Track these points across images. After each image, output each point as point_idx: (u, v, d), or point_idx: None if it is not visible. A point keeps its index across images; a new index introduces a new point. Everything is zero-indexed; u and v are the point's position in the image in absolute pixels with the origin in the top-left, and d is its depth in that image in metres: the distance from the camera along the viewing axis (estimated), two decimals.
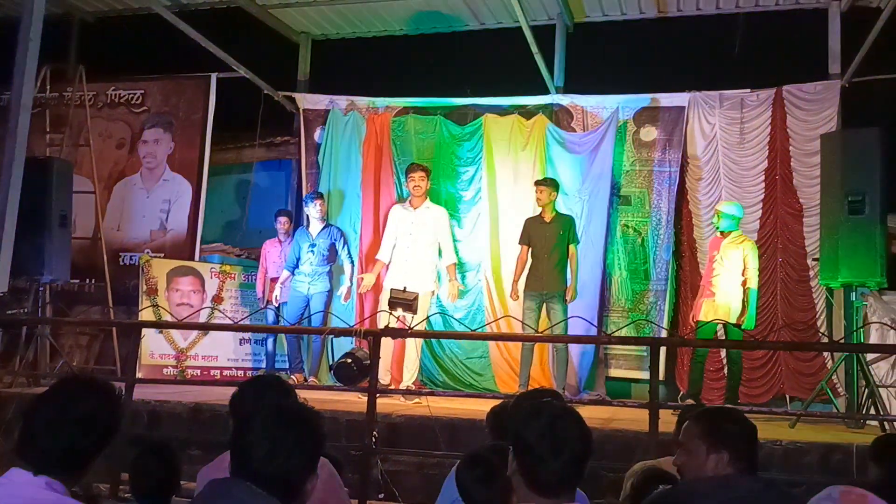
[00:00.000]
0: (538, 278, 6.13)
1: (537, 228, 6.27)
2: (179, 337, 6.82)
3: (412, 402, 5.47)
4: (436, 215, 6.48)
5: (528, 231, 6.35)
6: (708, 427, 2.20)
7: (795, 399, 6.65)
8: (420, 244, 6.32)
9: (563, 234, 6.17)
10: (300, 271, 6.68)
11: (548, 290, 6.08)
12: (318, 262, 6.66)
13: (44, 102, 7.43)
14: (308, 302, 6.62)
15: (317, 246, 6.67)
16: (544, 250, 6.16)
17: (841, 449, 4.32)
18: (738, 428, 2.15)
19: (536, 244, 6.23)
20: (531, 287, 6.16)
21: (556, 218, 6.23)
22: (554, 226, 6.20)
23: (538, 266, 6.17)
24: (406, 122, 7.75)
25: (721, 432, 2.17)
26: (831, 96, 6.94)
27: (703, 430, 2.20)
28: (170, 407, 5.01)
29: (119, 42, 8.80)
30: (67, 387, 1.82)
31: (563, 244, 6.16)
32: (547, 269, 6.11)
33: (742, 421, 2.19)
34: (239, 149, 8.46)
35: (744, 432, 2.15)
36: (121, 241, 7.77)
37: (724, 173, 7.13)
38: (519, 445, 1.85)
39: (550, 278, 6.10)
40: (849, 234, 5.30)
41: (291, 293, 6.72)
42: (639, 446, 4.28)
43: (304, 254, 6.68)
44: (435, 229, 6.39)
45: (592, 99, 7.48)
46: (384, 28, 8.37)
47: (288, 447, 1.61)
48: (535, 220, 6.37)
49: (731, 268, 5.88)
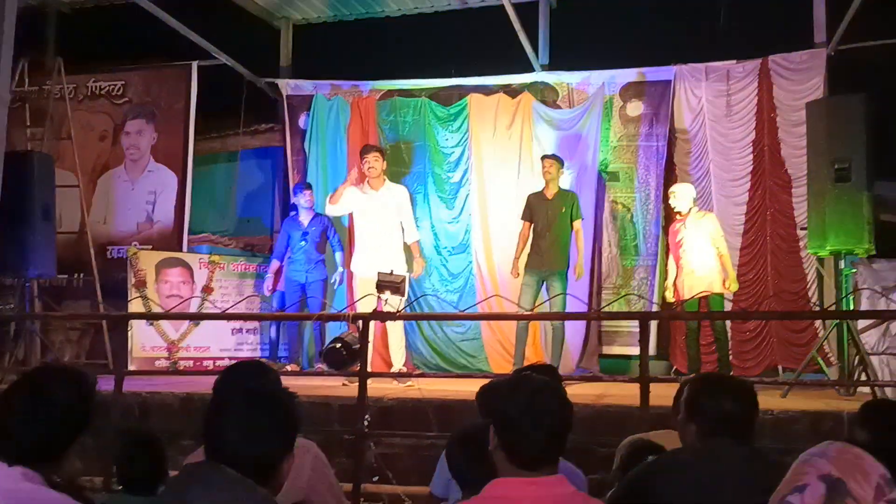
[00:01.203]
0: (539, 255, 6.06)
1: (540, 204, 6.17)
2: (171, 328, 6.79)
3: (405, 384, 5.46)
4: (396, 194, 6.30)
5: (530, 207, 6.24)
6: (688, 394, 2.21)
7: (788, 370, 6.67)
8: (386, 226, 6.16)
9: (565, 211, 6.10)
10: (294, 259, 6.64)
11: (548, 267, 6.01)
12: (313, 250, 6.63)
13: (23, 96, 7.33)
14: (304, 290, 6.59)
15: (309, 234, 6.63)
16: (546, 227, 6.07)
17: (831, 416, 4.34)
18: (713, 404, 2.10)
19: (539, 220, 6.12)
20: (532, 264, 6.09)
21: (558, 194, 6.14)
22: (556, 202, 6.11)
23: (539, 243, 6.08)
24: (391, 105, 7.70)
25: (695, 404, 2.17)
26: (817, 65, 6.90)
27: (685, 397, 2.21)
28: (160, 398, 5.00)
29: (97, 32, 8.69)
30: (39, 376, 1.80)
31: (565, 220, 6.09)
32: (548, 245, 6.03)
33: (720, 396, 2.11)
34: (223, 137, 8.39)
35: (718, 409, 2.09)
36: (107, 234, 7.71)
37: (712, 146, 7.11)
38: (499, 420, 1.84)
39: (551, 255, 6.02)
40: (836, 201, 5.29)
41: (287, 282, 6.69)
42: (630, 421, 4.28)
43: (295, 243, 6.64)
44: (397, 209, 6.24)
45: (577, 75, 7.44)
46: (365, 10, 8.28)
47: (262, 429, 1.60)
48: (537, 196, 6.26)
49: (700, 241, 5.94)
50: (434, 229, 7.45)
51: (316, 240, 6.65)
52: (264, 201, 8.39)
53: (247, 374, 2.38)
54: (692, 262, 5.94)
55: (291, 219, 6.87)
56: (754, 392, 2.17)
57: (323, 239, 6.71)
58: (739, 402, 2.11)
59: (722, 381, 2.30)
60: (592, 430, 4.31)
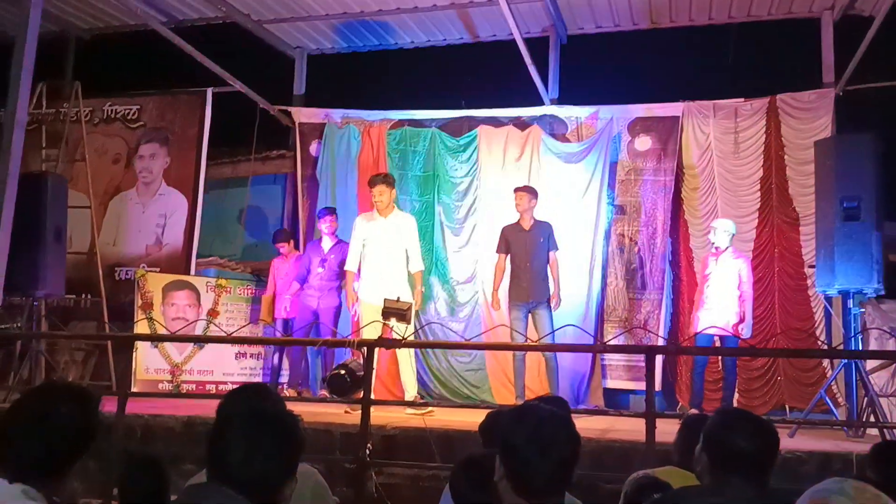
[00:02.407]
0: (522, 288, 6.03)
1: (517, 236, 6.16)
2: (175, 351, 6.79)
3: (424, 411, 5.29)
4: (403, 222, 6.23)
5: (506, 239, 6.24)
6: (708, 425, 2.17)
7: (795, 409, 6.60)
8: (393, 253, 6.08)
9: (543, 241, 6.11)
10: (309, 285, 6.66)
11: (533, 298, 6.00)
12: (329, 277, 6.63)
13: (40, 118, 7.45)
14: (317, 316, 6.58)
15: (327, 262, 6.64)
16: (525, 258, 6.06)
17: (840, 457, 4.28)
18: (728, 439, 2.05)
19: (517, 252, 6.11)
20: (516, 297, 6.06)
21: (535, 225, 6.15)
22: (533, 233, 6.11)
23: (520, 275, 6.06)
24: (401, 135, 7.78)
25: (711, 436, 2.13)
26: (825, 104, 6.96)
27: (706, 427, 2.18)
28: (163, 421, 4.97)
29: (115, 58, 8.85)
30: (43, 393, 1.80)
31: (543, 251, 6.09)
32: (530, 277, 6.01)
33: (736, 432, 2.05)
34: (235, 163, 8.48)
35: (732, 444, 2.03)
36: (116, 255, 7.75)
37: (720, 183, 7.13)
38: (505, 449, 1.83)
39: (534, 287, 6.01)
40: (844, 240, 5.28)
41: (300, 307, 6.70)
42: (636, 456, 4.24)
43: (314, 268, 6.66)
44: (406, 236, 6.16)
45: (587, 109, 7.50)
46: (378, 42, 8.40)
47: (265, 451, 1.59)
48: (513, 228, 6.25)
49: (726, 281, 5.99)
50: (442, 259, 7.47)
51: (334, 268, 6.64)
52: (273, 227, 8.43)
53: (251, 395, 2.38)
54: (713, 300, 5.95)
55: (314, 243, 6.90)
56: (775, 433, 2.10)
57: (341, 267, 6.71)
58: (755, 441, 2.05)
59: (742, 417, 2.20)
60: (598, 465, 4.27)
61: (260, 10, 7.78)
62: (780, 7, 7.24)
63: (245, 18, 7.86)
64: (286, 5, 7.65)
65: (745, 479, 2.02)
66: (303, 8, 7.70)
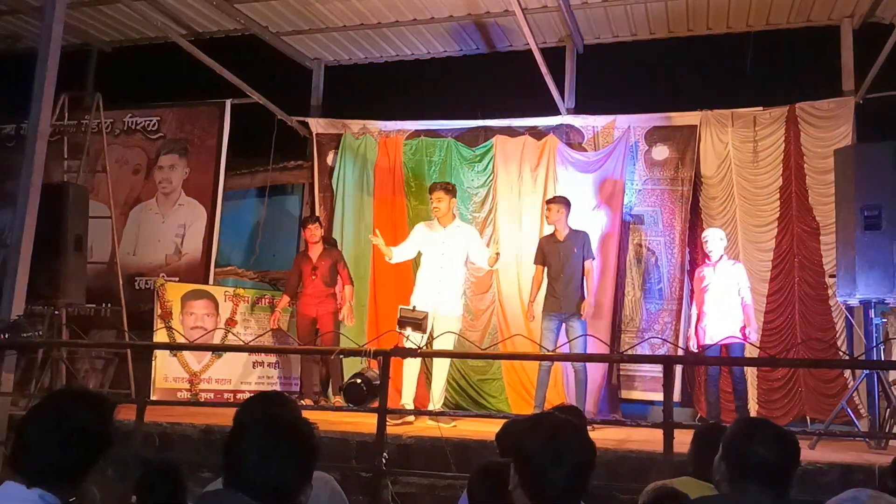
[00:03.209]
0: (556, 298, 5.99)
1: (552, 247, 6.14)
2: (193, 360, 6.84)
3: (450, 425, 5.29)
4: (464, 234, 6.12)
5: (542, 250, 6.21)
6: (727, 434, 2.15)
7: (816, 421, 6.52)
8: (453, 265, 5.97)
9: (577, 252, 6.09)
10: (305, 294, 6.70)
11: (566, 310, 5.94)
12: (323, 283, 6.68)
13: (62, 130, 7.56)
14: (315, 323, 6.62)
15: (318, 269, 6.68)
16: (560, 269, 6.01)
17: (862, 469, 4.21)
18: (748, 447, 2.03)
19: (552, 263, 6.08)
20: (550, 308, 6.01)
21: (570, 234, 6.13)
22: (568, 243, 6.08)
23: (555, 286, 6.02)
24: (418, 145, 7.81)
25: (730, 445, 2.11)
26: (845, 113, 6.90)
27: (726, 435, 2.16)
28: (181, 429, 5.00)
29: (135, 70, 8.97)
30: (60, 399, 1.82)
31: (578, 261, 6.05)
32: (564, 288, 5.97)
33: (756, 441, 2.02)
34: (253, 173, 8.55)
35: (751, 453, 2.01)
36: (136, 265, 7.84)
37: (738, 192, 7.09)
38: (520, 458, 1.82)
39: (568, 298, 5.95)
40: (865, 249, 5.21)
41: (299, 316, 6.75)
42: (653, 467, 4.20)
43: (306, 277, 6.70)
44: (466, 245, 6.04)
45: (603, 119, 7.49)
46: (395, 53, 8.46)
47: (280, 457, 1.60)
48: (549, 239, 6.23)
49: (727, 289, 6.00)
50: None
51: (325, 274, 6.69)
52: (290, 237, 8.49)
53: (267, 402, 2.39)
54: (716, 309, 5.91)
55: (302, 253, 6.96)
56: (796, 443, 2.07)
57: (332, 273, 6.74)
58: (776, 450, 2.02)
59: (763, 426, 2.17)
60: (614, 476, 4.24)
61: (278, 23, 7.87)
62: (799, 15, 7.20)
63: (263, 31, 7.95)
64: (304, 17, 7.72)
65: (764, 489, 1.99)
66: (320, 20, 7.78)
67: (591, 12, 7.36)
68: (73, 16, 7.50)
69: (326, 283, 6.70)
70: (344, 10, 7.53)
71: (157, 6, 7.53)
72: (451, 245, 5.99)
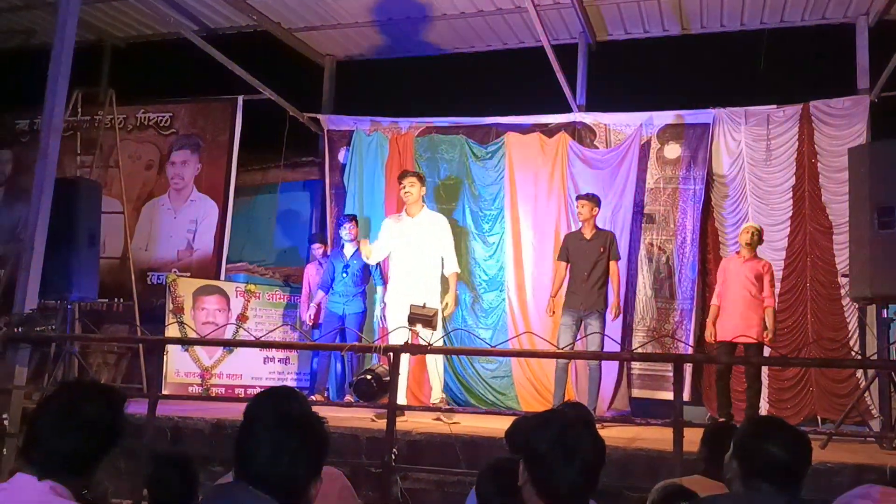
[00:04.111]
0: (577, 295, 5.97)
1: (577, 245, 6.11)
2: (205, 355, 6.88)
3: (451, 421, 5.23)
4: (434, 222, 6.08)
5: (567, 247, 6.19)
6: (739, 433, 2.15)
7: (828, 420, 6.48)
8: (423, 255, 5.92)
9: (603, 251, 6.06)
10: (335, 291, 6.71)
11: (587, 307, 5.94)
12: (353, 282, 6.69)
13: (75, 125, 7.62)
14: (343, 322, 6.63)
15: (350, 267, 6.69)
16: (585, 267, 5.99)
17: (873, 470, 4.19)
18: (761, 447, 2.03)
19: (577, 261, 6.04)
20: (570, 304, 6.00)
21: (596, 234, 6.09)
22: (595, 242, 6.05)
23: (578, 283, 6.00)
24: (429, 142, 7.80)
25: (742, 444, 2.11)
26: (860, 111, 6.84)
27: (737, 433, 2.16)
28: (192, 423, 5.03)
29: (149, 66, 9.02)
30: (70, 391, 1.84)
31: (604, 260, 6.03)
32: (587, 286, 5.95)
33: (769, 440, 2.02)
34: (264, 169, 8.58)
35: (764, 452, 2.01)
36: (148, 260, 7.89)
37: (751, 190, 7.04)
38: (530, 455, 1.82)
39: (590, 296, 5.94)
40: (879, 248, 5.17)
41: (327, 313, 6.76)
42: (664, 465, 4.19)
43: (338, 275, 6.72)
44: (438, 236, 6.01)
45: (615, 116, 7.46)
46: (407, 50, 8.46)
47: (291, 450, 1.61)
48: (574, 237, 6.21)
49: (750, 287, 5.87)
50: (470, 265, 7.46)
51: (357, 273, 6.70)
52: (302, 233, 8.51)
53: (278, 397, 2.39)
54: (736, 306, 5.84)
55: (336, 250, 6.98)
56: (808, 443, 2.07)
57: (365, 272, 6.76)
58: (789, 449, 2.02)
59: (775, 425, 2.17)
60: (624, 474, 4.23)
61: (290, 19, 7.88)
62: (814, 13, 7.15)
63: (275, 27, 7.97)
64: (316, 13, 7.74)
65: (776, 488, 1.99)
66: (333, 16, 7.79)
67: (603, 8, 7.33)
68: (88, 11, 7.53)
69: (357, 283, 6.71)
70: (355, 6, 7.53)
71: (170, 2, 7.56)
72: (420, 234, 5.94)
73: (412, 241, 5.94)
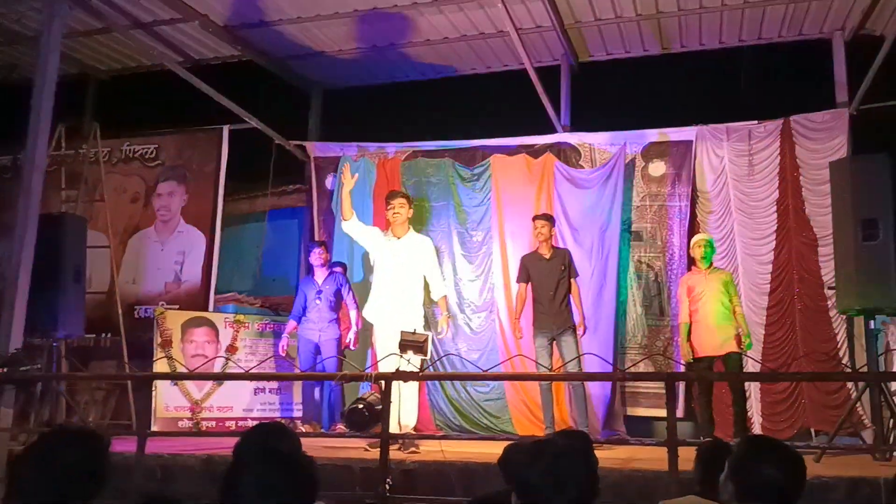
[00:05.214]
0: (548, 316, 6.00)
1: (538, 265, 6.14)
2: (194, 388, 6.80)
3: (407, 451, 5.20)
4: (420, 245, 6.04)
5: (526, 269, 6.21)
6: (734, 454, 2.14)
7: (821, 432, 6.48)
8: (407, 277, 5.88)
9: (564, 269, 6.10)
10: (308, 319, 6.67)
11: (558, 325, 5.97)
12: (327, 308, 6.66)
13: (59, 160, 7.57)
14: (318, 349, 6.60)
15: (323, 293, 6.66)
16: (549, 287, 6.02)
17: (867, 483, 4.18)
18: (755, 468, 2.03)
19: (540, 281, 6.08)
20: (542, 326, 6.03)
21: (555, 253, 6.14)
22: (555, 261, 6.10)
23: (545, 304, 6.03)
24: (416, 166, 7.83)
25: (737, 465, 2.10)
26: (840, 125, 6.92)
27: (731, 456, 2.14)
28: (182, 460, 4.96)
29: (133, 98, 9.02)
30: (51, 439, 1.82)
31: (566, 279, 6.08)
32: (554, 305, 5.99)
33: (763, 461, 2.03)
34: (252, 198, 8.57)
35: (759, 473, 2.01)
36: (136, 294, 7.82)
37: (736, 206, 7.09)
38: (521, 485, 1.81)
39: (559, 315, 5.98)
40: (863, 261, 5.21)
41: (301, 341, 6.71)
42: (659, 486, 4.17)
43: (310, 302, 6.68)
44: (422, 260, 5.98)
45: (600, 136, 7.51)
46: (392, 76, 8.51)
47: (278, 491, 1.59)
48: (533, 257, 6.22)
49: (718, 297, 5.86)
50: (457, 287, 7.46)
51: (330, 298, 6.67)
52: (290, 261, 8.49)
53: (267, 434, 2.38)
54: (708, 317, 5.85)
55: (307, 278, 6.95)
56: (801, 462, 2.07)
57: (337, 298, 6.73)
58: (783, 469, 2.02)
59: (769, 446, 2.16)
60: (620, 496, 4.20)
61: (275, 48, 7.91)
62: (791, 29, 7.26)
63: (260, 56, 8.00)
64: (301, 42, 7.77)
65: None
66: (317, 44, 7.83)
67: (584, 31, 7.41)
68: (69, 45, 7.54)
69: (331, 308, 6.68)
70: (340, 33, 7.58)
71: (153, 35, 7.58)
72: (407, 256, 5.92)
73: (397, 263, 5.91)
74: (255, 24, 7.38)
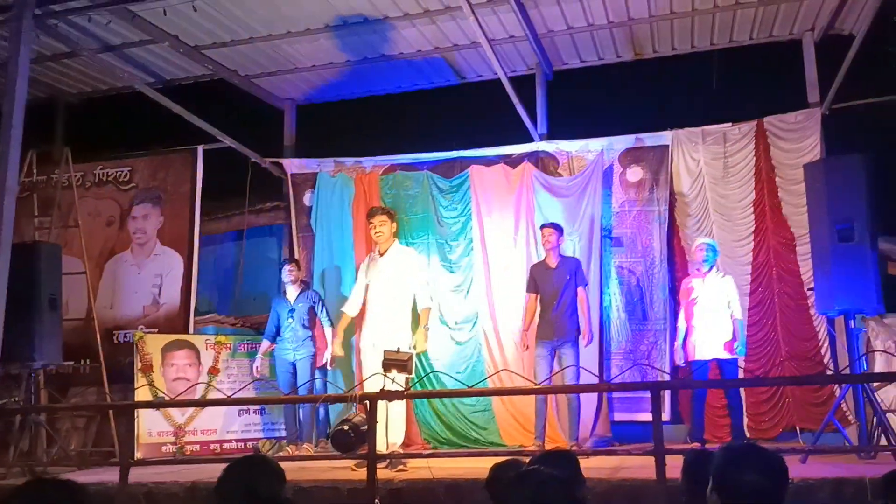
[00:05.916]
0: (549, 325, 5.99)
1: (544, 274, 6.14)
2: (177, 412, 6.71)
3: (395, 469, 5.18)
4: (404, 259, 6.03)
5: (533, 278, 6.22)
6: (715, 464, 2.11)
7: (806, 430, 6.51)
8: (391, 295, 5.88)
9: (570, 279, 6.08)
10: (282, 338, 6.61)
11: (559, 336, 5.95)
12: (301, 325, 6.59)
13: (31, 186, 7.47)
14: (295, 368, 6.54)
15: (296, 311, 6.60)
16: (553, 297, 6.01)
17: (852, 483, 4.21)
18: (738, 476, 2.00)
19: (545, 290, 6.06)
20: (543, 335, 6.01)
21: (562, 262, 6.14)
22: (561, 270, 6.09)
23: (548, 313, 6.02)
24: (394, 179, 7.79)
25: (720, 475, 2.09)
26: (812, 124, 6.99)
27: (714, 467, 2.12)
28: (166, 488, 4.89)
29: (104, 121, 8.91)
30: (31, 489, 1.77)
31: (571, 288, 6.06)
32: (557, 315, 5.97)
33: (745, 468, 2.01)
34: (229, 217, 8.48)
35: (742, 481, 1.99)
36: (114, 318, 7.70)
37: (713, 208, 7.14)
38: None
39: (561, 325, 5.96)
40: (840, 262, 5.26)
41: (278, 362, 6.65)
42: (647, 495, 4.18)
43: (283, 321, 6.62)
44: (407, 271, 5.97)
45: (577, 143, 7.52)
46: (367, 89, 8.48)
47: None
48: (540, 267, 6.23)
49: (717, 302, 5.95)
50: (440, 300, 7.42)
51: (303, 316, 6.61)
52: (271, 279, 8.40)
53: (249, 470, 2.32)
54: (705, 322, 5.88)
55: (280, 296, 6.88)
56: (784, 465, 2.07)
57: (311, 315, 6.67)
58: (766, 476, 2.01)
59: (749, 452, 2.14)
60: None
61: (247, 66, 7.86)
62: (762, 31, 7.32)
63: (232, 74, 7.94)
64: (273, 59, 7.73)
65: None
66: (289, 61, 7.79)
67: (557, 39, 7.43)
68: (37, 70, 7.45)
69: (304, 326, 6.62)
70: (312, 49, 7.54)
71: (123, 57, 7.50)
72: (393, 271, 5.90)
73: (384, 279, 5.90)
74: (225, 44, 7.32)
